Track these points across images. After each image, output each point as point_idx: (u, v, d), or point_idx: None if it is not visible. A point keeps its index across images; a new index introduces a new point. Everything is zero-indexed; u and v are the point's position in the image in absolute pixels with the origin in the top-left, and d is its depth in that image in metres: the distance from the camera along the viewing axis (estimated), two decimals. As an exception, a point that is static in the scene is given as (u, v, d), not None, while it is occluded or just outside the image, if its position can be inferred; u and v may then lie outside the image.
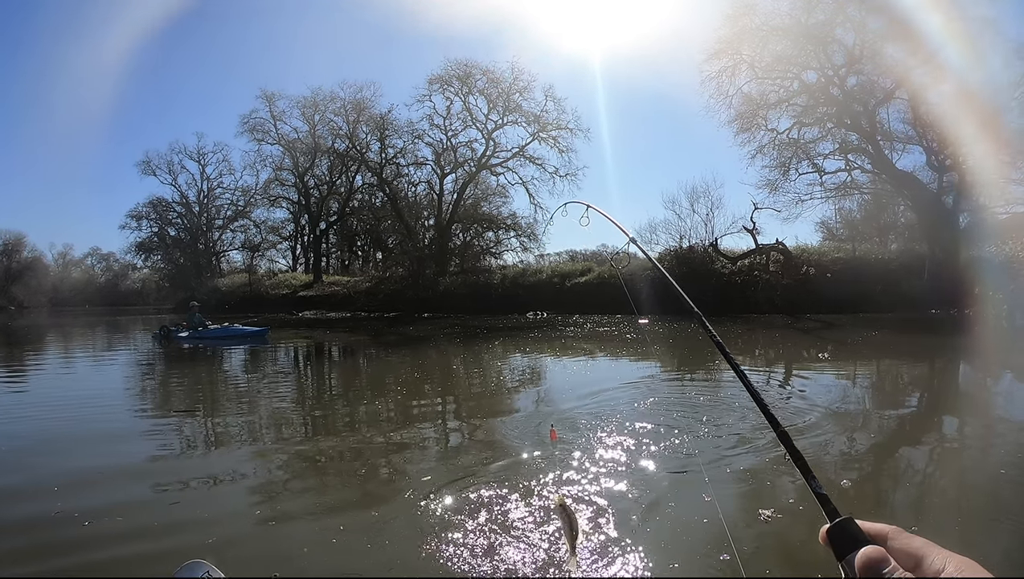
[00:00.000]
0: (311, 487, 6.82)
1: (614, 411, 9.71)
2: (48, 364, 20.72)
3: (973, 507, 5.77)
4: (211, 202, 68.25)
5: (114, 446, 8.69)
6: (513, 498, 5.82)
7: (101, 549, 5.04)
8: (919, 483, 6.68)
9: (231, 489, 6.71)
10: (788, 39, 35.01)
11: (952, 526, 5.25)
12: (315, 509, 6.02)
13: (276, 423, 10.10)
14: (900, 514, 5.68)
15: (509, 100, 49.65)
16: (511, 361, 18.83)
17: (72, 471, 7.24)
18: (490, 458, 7.43)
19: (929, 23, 29.62)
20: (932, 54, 30.39)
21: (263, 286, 57.47)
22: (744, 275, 36.16)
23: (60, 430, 9.62)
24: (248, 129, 58.85)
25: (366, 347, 24.00)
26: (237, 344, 24.23)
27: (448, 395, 12.94)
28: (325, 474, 7.31)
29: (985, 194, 31.72)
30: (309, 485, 6.89)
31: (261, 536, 5.37)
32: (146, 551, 4.99)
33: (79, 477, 7.01)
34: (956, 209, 32.58)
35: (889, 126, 35.45)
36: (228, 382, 15.90)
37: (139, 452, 8.27)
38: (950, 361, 16.97)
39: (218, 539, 5.18)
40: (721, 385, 12.85)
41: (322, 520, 5.65)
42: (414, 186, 56.41)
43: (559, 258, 55.98)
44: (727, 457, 7.14)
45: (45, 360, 21.98)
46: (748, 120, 37.30)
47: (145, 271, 73.65)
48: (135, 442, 8.94)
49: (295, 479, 7.10)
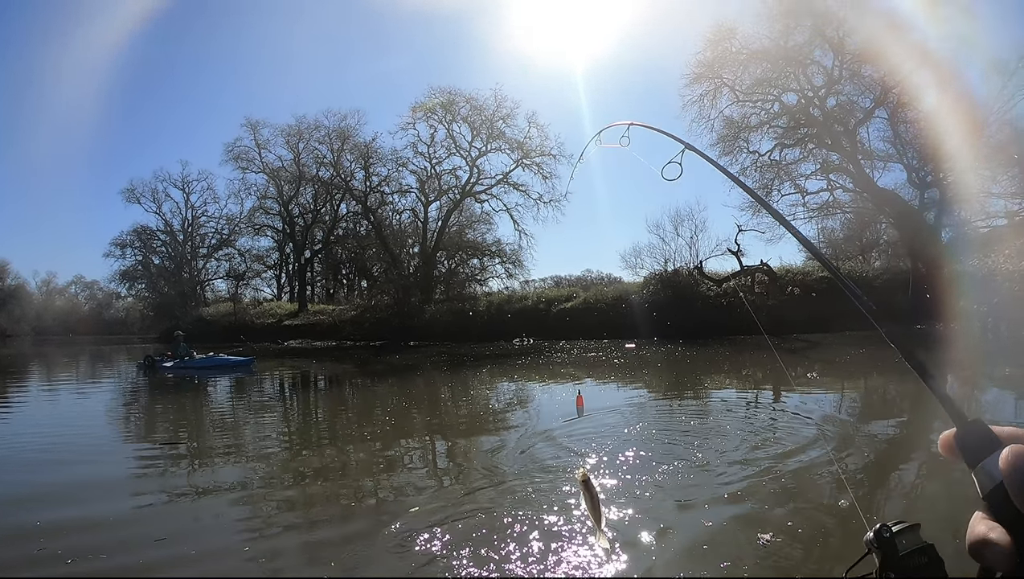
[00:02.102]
0: (298, 523, 6.71)
1: (605, 437, 9.66)
2: (30, 395, 20.47)
3: (964, 519, 5.74)
4: (196, 230, 67.98)
5: (96, 477, 8.54)
6: (505, 529, 5.76)
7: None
8: (914, 498, 6.67)
9: (218, 524, 6.60)
10: (768, 62, 35.54)
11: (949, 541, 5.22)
12: (303, 542, 5.94)
13: (262, 455, 9.97)
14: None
15: (492, 127, 49.88)
16: (499, 389, 18.75)
17: (52, 506, 7.11)
18: (478, 488, 7.36)
19: (906, 42, 30.19)
20: (910, 73, 30.93)
21: (248, 315, 57.04)
22: (729, 297, 36.25)
23: (42, 460, 9.48)
24: (232, 157, 58.71)
25: (352, 377, 23.85)
26: (222, 374, 24.00)
27: (436, 425, 12.83)
28: (312, 506, 7.22)
29: (966, 209, 32.23)
30: (296, 520, 6.79)
31: (250, 571, 5.28)
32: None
33: (58, 512, 6.88)
34: (938, 224, 32.98)
35: (870, 145, 36.11)
36: (214, 413, 15.73)
37: (123, 486, 8.13)
38: (937, 375, 17.00)
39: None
40: (710, 409, 12.83)
41: (310, 552, 5.58)
42: (399, 214, 56.49)
43: (544, 284, 56.08)
44: (721, 482, 7.10)
45: (27, 390, 21.71)
46: (730, 143, 37.79)
47: (129, 300, 73.01)
48: (119, 475, 8.79)
49: (283, 513, 6.99)
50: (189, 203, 66.71)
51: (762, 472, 7.31)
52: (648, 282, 40.59)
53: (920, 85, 31.01)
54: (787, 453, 8.31)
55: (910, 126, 33.84)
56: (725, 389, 17.08)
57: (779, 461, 7.92)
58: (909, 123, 33.81)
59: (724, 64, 36.53)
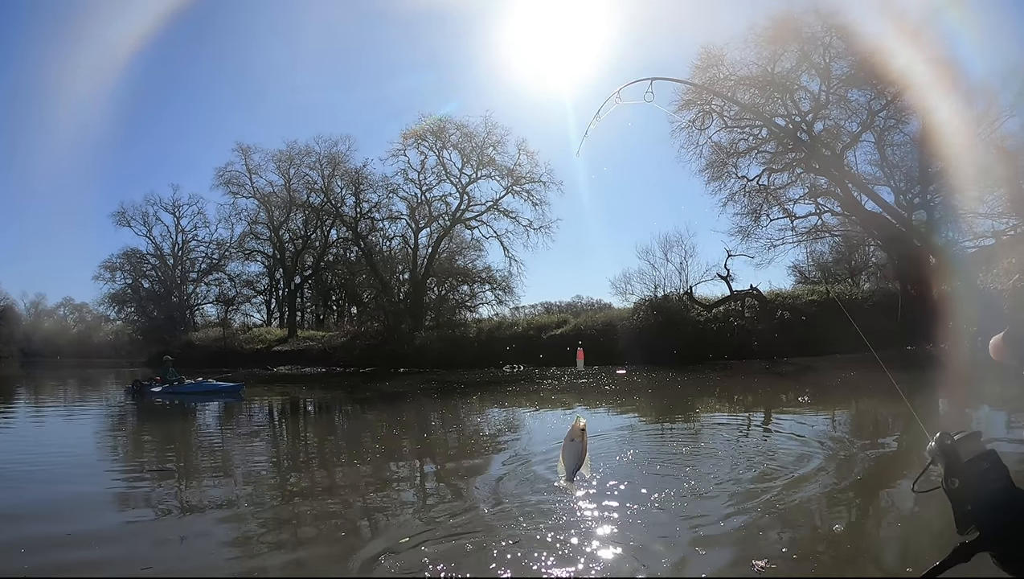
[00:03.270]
0: (286, 541, 6.67)
1: (596, 463, 9.61)
2: (17, 418, 20.30)
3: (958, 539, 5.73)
4: (186, 255, 67.65)
5: (82, 502, 8.45)
6: (494, 554, 5.73)
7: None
8: (908, 520, 6.67)
9: (204, 546, 6.55)
10: (756, 88, 35.82)
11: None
12: (290, 560, 5.91)
13: (250, 481, 9.90)
14: (889, 553, 5.67)
15: (483, 154, 49.97)
16: (489, 416, 18.69)
17: (38, 527, 7.03)
18: (468, 514, 7.33)
19: (891, 67, 30.61)
20: (896, 97, 31.41)
21: (237, 340, 56.77)
22: (720, 322, 36.35)
23: (25, 485, 9.37)
24: (223, 182, 58.54)
25: (342, 403, 23.75)
26: (211, 400, 23.84)
27: (426, 452, 12.75)
28: (300, 528, 7.17)
29: (954, 230, 32.54)
30: (284, 538, 6.74)
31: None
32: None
33: (45, 532, 6.81)
34: (926, 246, 33.17)
35: (857, 168, 36.26)
36: (202, 439, 15.63)
37: (109, 511, 8.07)
38: (928, 396, 17.11)
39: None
40: (702, 434, 12.83)
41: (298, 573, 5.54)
42: (389, 240, 56.38)
43: (534, 310, 56.05)
44: (714, 507, 7.09)
45: (14, 413, 21.53)
46: (719, 169, 37.85)
47: (118, 323, 72.39)
48: (105, 499, 8.72)
49: (270, 533, 6.95)
50: (179, 227, 66.52)
51: (755, 497, 7.30)
52: (638, 308, 40.60)
53: (906, 108, 31.48)
54: (780, 478, 8.31)
55: (897, 149, 34.28)
56: (716, 413, 17.10)
57: (772, 486, 7.92)
58: (896, 146, 34.27)
59: (713, 90, 36.71)
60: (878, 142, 34.37)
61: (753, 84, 35.75)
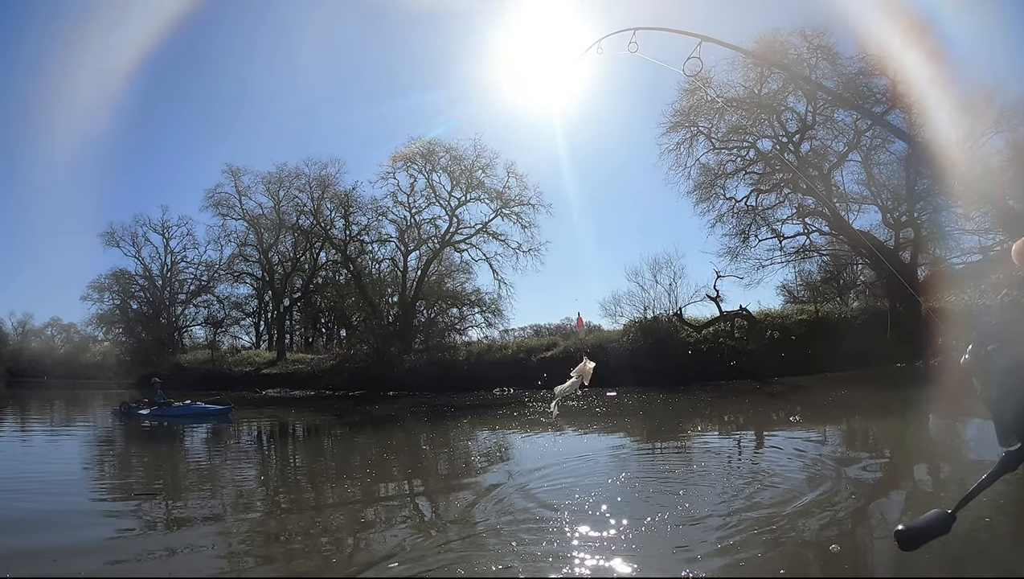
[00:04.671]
0: (274, 557, 6.62)
1: (589, 486, 9.60)
2: (2, 438, 20.09)
3: (956, 556, 5.76)
4: (174, 276, 67.13)
5: (70, 522, 8.38)
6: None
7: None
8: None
9: (190, 563, 6.50)
10: (743, 110, 36.11)
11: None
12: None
13: (239, 505, 9.83)
14: (880, 570, 5.66)
15: (472, 177, 50.03)
16: (480, 439, 18.65)
17: (26, 549, 6.97)
18: (457, 538, 7.31)
19: (876, 86, 31.16)
20: (881, 116, 31.81)
21: (226, 363, 56.45)
22: (709, 343, 36.33)
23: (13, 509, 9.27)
24: (213, 204, 58.29)
25: (332, 427, 23.62)
26: (200, 423, 23.68)
27: (416, 476, 12.72)
28: (289, 551, 7.12)
29: (941, 247, 32.92)
30: (272, 557, 6.69)
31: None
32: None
33: (27, 547, 6.77)
34: (914, 263, 33.38)
35: (844, 188, 36.53)
36: (190, 462, 15.51)
37: (96, 533, 7.97)
38: (918, 413, 17.19)
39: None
40: (693, 455, 12.82)
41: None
42: (378, 263, 56.22)
43: (523, 333, 55.93)
44: (708, 528, 7.07)
45: (0, 434, 21.33)
46: (707, 190, 38.08)
47: (106, 344, 71.90)
48: (92, 522, 8.63)
49: (257, 549, 6.92)
50: (168, 248, 66.11)
51: (749, 520, 7.29)
52: (628, 330, 40.55)
53: (891, 128, 31.87)
54: (774, 498, 8.31)
55: (883, 168, 34.59)
56: (708, 434, 17.09)
57: (766, 507, 7.91)
58: (882, 165, 34.56)
59: (700, 112, 37.06)
60: (865, 161, 34.70)
61: (740, 106, 36.05)
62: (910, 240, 33.75)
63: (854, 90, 32.20)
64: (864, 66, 31.80)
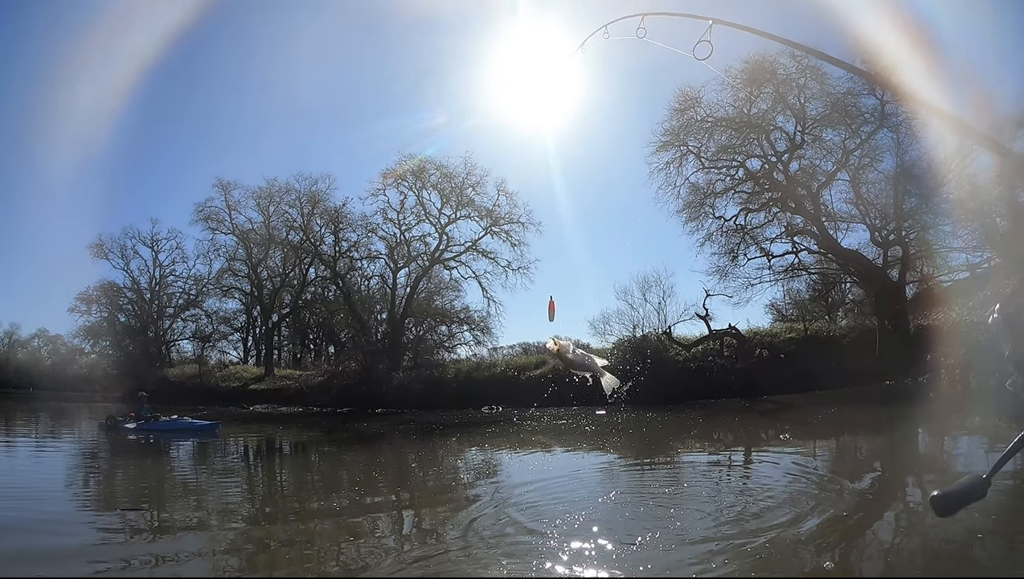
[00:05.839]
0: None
1: (578, 505, 9.56)
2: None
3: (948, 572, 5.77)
4: (163, 290, 66.73)
5: (51, 531, 8.28)
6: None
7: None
8: (894, 553, 6.68)
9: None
10: (732, 129, 36.37)
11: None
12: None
13: (224, 521, 9.75)
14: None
15: (462, 195, 50.05)
16: (468, 458, 18.59)
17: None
18: (445, 556, 7.26)
19: (864, 106, 31.55)
20: (869, 135, 32.40)
21: (213, 378, 56.11)
22: (698, 361, 36.34)
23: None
24: (203, 218, 57.97)
25: (319, 444, 23.50)
26: (186, 438, 23.50)
27: (402, 493, 12.67)
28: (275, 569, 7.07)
29: (928, 264, 33.32)
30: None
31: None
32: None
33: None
34: (902, 281, 33.57)
35: (832, 207, 36.75)
36: (176, 477, 15.36)
37: (79, 541, 7.91)
38: (908, 429, 17.26)
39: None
40: (683, 474, 12.80)
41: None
42: (367, 280, 56.04)
43: (512, 351, 55.75)
44: (699, 549, 7.05)
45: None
46: (696, 209, 38.16)
47: (93, 357, 71.34)
48: (75, 531, 8.54)
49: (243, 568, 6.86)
50: (157, 261, 65.66)
51: (741, 538, 7.28)
52: (617, 348, 40.52)
53: (879, 148, 32.23)
54: (765, 516, 8.30)
55: (872, 187, 34.82)
56: (697, 453, 17.10)
57: (757, 525, 7.90)
58: (870, 184, 34.80)
59: (690, 131, 37.30)
60: (853, 180, 34.91)
61: (730, 125, 36.32)
62: (898, 258, 33.96)
63: (843, 109, 32.52)
64: (853, 86, 32.12)
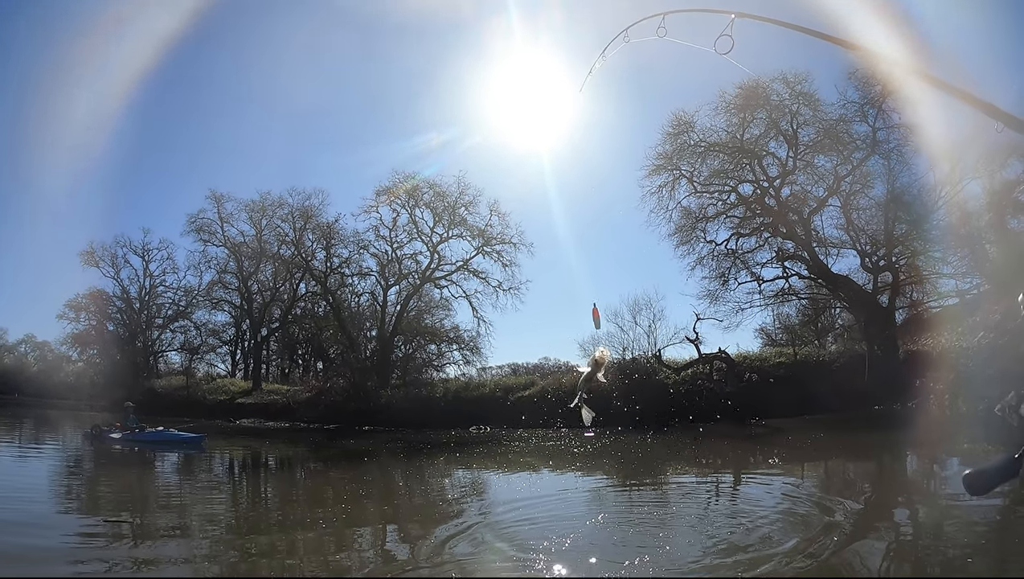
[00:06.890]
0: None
1: (567, 528, 9.53)
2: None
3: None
4: (152, 300, 66.35)
5: (28, 533, 8.22)
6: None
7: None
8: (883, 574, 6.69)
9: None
10: (725, 154, 36.63)
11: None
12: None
13: (208, 535, 9.71)
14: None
15: (455, 214, 50.04)
16: (455, 477, 18.52)
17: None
18: (428, 566, 7.24)
19: (856, 132, 32.21)
20: (861, 162, 32.80)
21: (200, 390, 55.78)
22: (688, 384, 36.27)
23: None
24: (195, 229, 57.78)
25: (306, 460, 23.40)
26: (172, 450, 23.35)
27: (389, 512, 12.61)
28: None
29: (918, 290, 33.81)
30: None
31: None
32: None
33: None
34: (892, 307, 33.75)
35: (823, 232, 36.93)
36: (160, 490, 15.26)
37: (60, 551, 7.85)
38: (898, 454, 17.30)
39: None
40: (671, 498, 12.79)
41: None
42: (358, 296, 55.78)
43: (501, 372, 55.59)
44: (691, 573, 7.04)
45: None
46: (688, 233, 38.30)
47: (80, 365, 70.82)
48: (56, 535, 8.49)
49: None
50: (148, 271, 65.23)
51: (730, 561, 7.30)
52: (607, 370, 40.47)
53: (870, 174, 32.55)
54: (754, 540, 8.31)
55: (862, 213, 35.06)
56: (686, 476, 17.08)
57: (747, 549, 7.92)
58: (861, 210, 35.04)
59: (683, 155, 37.52)
60: (844, 206, 35.13)
61: (723, 150, 36.59)
62: (888, 284, 34.16)
63: (835, 136, 32.86)
64: (845, 113, 32.48)
